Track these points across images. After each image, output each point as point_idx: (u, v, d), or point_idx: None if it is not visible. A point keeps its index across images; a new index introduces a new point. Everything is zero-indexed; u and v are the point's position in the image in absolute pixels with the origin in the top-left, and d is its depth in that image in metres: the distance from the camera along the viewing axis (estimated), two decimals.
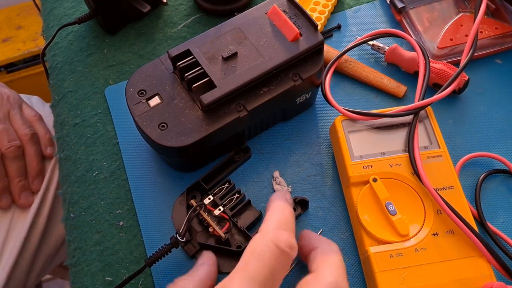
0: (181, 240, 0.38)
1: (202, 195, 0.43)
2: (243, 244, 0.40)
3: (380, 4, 0.54)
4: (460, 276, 0.35)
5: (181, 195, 0.42)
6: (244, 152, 0.45)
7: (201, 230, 0.41)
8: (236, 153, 0.44)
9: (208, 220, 0.40)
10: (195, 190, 0.43)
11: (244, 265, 0.29)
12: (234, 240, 0.40)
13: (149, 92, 0.41)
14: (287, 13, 0.43)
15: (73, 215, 0.44)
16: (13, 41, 1.19)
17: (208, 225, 0.40)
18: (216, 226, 0.40)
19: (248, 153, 0.45)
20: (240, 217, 0.41)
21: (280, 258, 0.29)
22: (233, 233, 0.41)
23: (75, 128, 0.48)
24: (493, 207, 0.42)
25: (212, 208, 0.41)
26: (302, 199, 0.42)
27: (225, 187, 0.42)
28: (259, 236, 0.30)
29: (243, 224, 0.41)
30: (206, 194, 0.42)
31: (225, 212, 0.41)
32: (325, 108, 0.47)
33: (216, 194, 0.42)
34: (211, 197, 0.41)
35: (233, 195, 0.42)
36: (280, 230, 0.31)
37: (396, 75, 0.49)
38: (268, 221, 0.32)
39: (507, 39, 0.49)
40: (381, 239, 0.37)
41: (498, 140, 0.45)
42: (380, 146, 0.41)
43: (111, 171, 0.46)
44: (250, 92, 0.41)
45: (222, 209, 0.41)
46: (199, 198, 0.42)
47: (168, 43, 0.53)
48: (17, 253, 0.56)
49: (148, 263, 0.38)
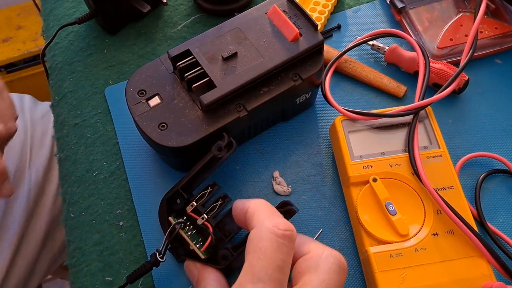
0: (161, 260, 0.37)
1: (185, 202, 0.39)
2: (228, 255, 0.37)
3: (380, 4, 0.54)
4: (460, 276, 0.35)
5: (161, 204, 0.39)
6: (227, 147, 0.39)
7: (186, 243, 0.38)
8: (219, 150, 0.38)
9: (187, 240, 0.37)
10: (176, 198, 0.39)
11: (249, 266, 0.28)
12: (220, 250, 0.37)
13: (149, 92, 0.41)
14: (287, 13, 0.43)
15: (73, 215, 0.44)
16: (13, 41, 1.19)
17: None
18: (195, 246, 0.37)
19: (232, 147, 0.38)
20: (225, 224, 0.38)
21: (283, 245, 0.29)
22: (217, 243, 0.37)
23: (75, 128, 0.48)
24: (493, 207, 0.42)
25: (196, 216, 0.38)
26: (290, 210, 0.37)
27: (208, 192, 0.39)
28: (256, 231, 0.29)
29: (229, 230, 0.38)
30: (188, 201, 0.39)
31: (208, 221, 0.37)
32: (325, 108, 0.48)
33: (199, 200, 0.38)
34: (194, 203, 0.38)
35: (216, 201, 0.38)
36: (273, 217, 0.30)
37: (396, 75, 0.49)
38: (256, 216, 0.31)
39: (507, 39, 0.49)
40: (381, 239, 0.37)
41: (498, 140, 0.45)
42: (380, 146, 0.41)
43: (111, 171, 0.46)
44: (250, 92, 0.41)
45: (205, 217, 0.37)
46: (181, 204, 0.39)
47: (168, 43, 0.53)
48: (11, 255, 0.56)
49: (130, 280, 0.37)
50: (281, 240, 0.29)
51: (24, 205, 0.58)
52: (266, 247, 0.28)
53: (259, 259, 0.28)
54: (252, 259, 0.28)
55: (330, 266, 0.30)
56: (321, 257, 0.30)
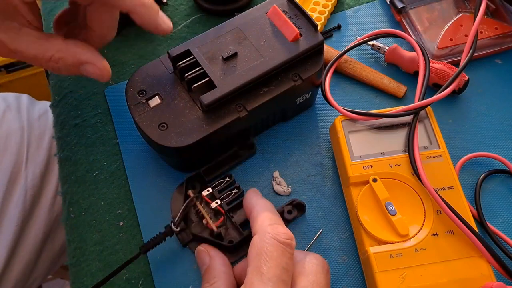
0: (176, 230, 0.39)
1: (202, 187, 0.43)
2: (236, 239, 0.40)
3: (380, 4, 0.54)
4: (460, 276, 0.35)
5: (180, 184, 0.43)
6: (249, 148, 0.45)
7: (197, 221, 0.41)
8: (241, 148, 0.44)
9: (203, 212, 0.40)
10: (195, 181, 0.43)
11: (257, 268, 0.29)
12: (227, 234, 0.40)
13: (149, 92, 0.41)
14: (287, 13, 0.43)
15: (73, 215, 0.44)
16: None
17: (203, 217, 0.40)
18: (209, 218, 0.40)
19: (252, 149, 0.45)
20: (236, 212, 0.41)
21: (285, 251, 0.30)
22: (228, 227, 0.41)
23: (75, 128, 0.48)
24: (493, 207, 0.42)
25: (209, 200, 0.41)
26: (299, 203, 0.42)
27: (225, 181, 0.42)
28: (259, 237, 0.31)
29: (238, 219, 0.41)
30: (205, 186, 0.42)
31: (221, 206, 0.41)
32: (325, 108, 0.48)
33: (216, 187, 0.42)
34: (210, 189, 0.42)
35: (231, 190, 0.42)
36: (275, 225, 0.32)
37: (396, 75, 0.49)
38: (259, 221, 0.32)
39: (507, 39, 0.49)
40: (381, 239, 0.37)
41: (498, 140, 0.45)
42: (380, 146, 0.41)
43: (111, 171, 0.46)
44: (250, 92, 0.41)
45: (219, 202, 0.41)
46: (198, 189, 0.43)
47: (168, 43, 0.53)
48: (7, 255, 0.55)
49: (143, 250, 0.38)
50: (284, 246, 0.30)
51: (20, 206, 0.58)
52: (271, 251, 0.30)
53: (265, 261, 0.29)
54: (258, 262, 0.30)
55: (316, 268, 0.32)
56: (305, 261, 0.32)
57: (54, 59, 0.37)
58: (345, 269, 0.40)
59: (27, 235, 0.58)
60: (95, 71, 0.39)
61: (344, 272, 0.40)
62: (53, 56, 0.37)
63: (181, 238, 0.40)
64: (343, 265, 0.40)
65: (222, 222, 0.40)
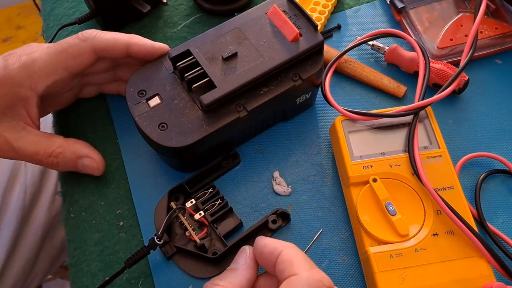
0: (159, 243, 0.38)
1: (185, 198, 0.42)
2: (220, 250, 0.39)
3: (380, 4, 0.54)
4: (460, 276, 0.35)
5: (163, 196, 0.42)
6: (232, 158, 0.44)
7: (181, 233, 0.41)
8: (224, 159, 0.44)
9: (186, 224, 0.40)
10: (179, 193, 0.42)
11: None
12: (211, 245, 0.40)
13: (149, 92, 0.41)
14: (287, 13, 0.43)
15: (73, 215, 0.44)
16: (13, 41, 1.19)
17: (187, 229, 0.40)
18: (193, 231, 0.40)
19: (236, 159, 0.44)
20: (220, 223, 0.41)
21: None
22: (212, 238, 0.40)
23: (75, 128, 0.48)
24: (493, 207, 0.42)
25: (193, 212, 0.41)
26: (283, 212, 0.41)
27: (209, 192, 0.42)
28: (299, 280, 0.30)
29: (222, 230, 0.40)
30: (189, 197, 0.42)
31: (205, 217, 0.40)
32: (325, 108, 0.48)
33: (199, 198, 0.41)
34: (193, 200, 0.41)
35: (215, 201, 0.41)
36: (314, 269, 0.31)
37: (396, 75, 0.49)
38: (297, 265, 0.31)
39: (507, 39, 0.49)
40: (381, 239, 0.37)
41: (498, 140, 0.45)
42: (380, 146, 0.41)
43: (111, 171, 0.46)
44: (250, 92, 0.41)
45: (202, 213, 0.40)
46: (182, 200, 0.42)
47: (168, 43, 0.53)
48: (5, 255, 0.55)
49: (128, 264, 0.38)
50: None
51: (19, 204, 0.58)
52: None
53: None
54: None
55: None
56: None
57: (55, 154, 0.41)
58: (345, 269, 0.40)
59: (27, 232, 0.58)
60: (92, 164, 0.43)
61: (344, 272, 0.40)
62: (54, 152, 0.41)
63: (164, 251, 0.40)
64: (343, 265, 0.40)
65: (206, 233, 0.40)
